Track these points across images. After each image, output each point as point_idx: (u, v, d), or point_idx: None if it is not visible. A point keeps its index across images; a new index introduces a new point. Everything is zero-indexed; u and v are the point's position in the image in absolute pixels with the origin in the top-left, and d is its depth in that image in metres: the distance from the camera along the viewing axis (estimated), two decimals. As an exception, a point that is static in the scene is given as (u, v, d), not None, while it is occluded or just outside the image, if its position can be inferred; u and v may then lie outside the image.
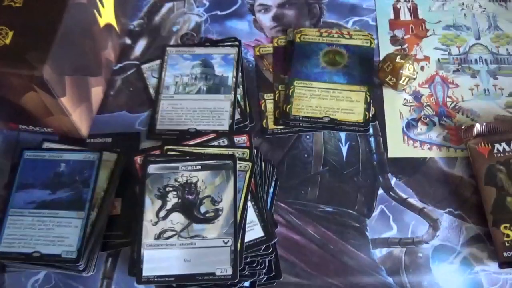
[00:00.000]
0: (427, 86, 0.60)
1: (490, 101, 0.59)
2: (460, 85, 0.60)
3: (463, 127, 0.56)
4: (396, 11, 0.66)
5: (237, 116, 0.57)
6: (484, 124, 0.55)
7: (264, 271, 0.49)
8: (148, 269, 0.47)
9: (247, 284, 0.49)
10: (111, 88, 0.61)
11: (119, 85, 0.61)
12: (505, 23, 0.64)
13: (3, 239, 0.49)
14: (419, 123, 0.58)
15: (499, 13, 0.65)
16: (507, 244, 0.49)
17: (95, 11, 0.55)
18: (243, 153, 0.52)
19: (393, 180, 0.55)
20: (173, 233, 0.48)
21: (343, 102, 0.58)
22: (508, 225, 0.50)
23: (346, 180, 0.55)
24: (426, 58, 0.62)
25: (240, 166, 0.51)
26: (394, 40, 0.64)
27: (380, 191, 0.55)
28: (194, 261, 0.47)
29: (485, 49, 0.63)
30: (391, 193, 0.54)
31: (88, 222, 0.49)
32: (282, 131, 0.58)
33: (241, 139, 0.54)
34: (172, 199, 0.49)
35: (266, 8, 0.67)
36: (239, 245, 0.48)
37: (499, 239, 0.50)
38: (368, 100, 0.58)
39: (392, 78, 0.57)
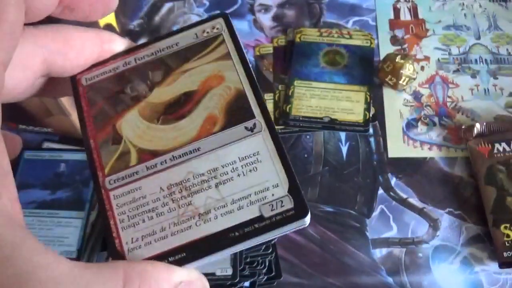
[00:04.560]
0: (427, 86, 0.60)
1: (490, 101, 0.59)
2: (460, 85, 0.60)
3: (463, 127, 0.56)
4: (396, 11, 0.66)
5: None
6: (484, 124, 0.55)
7: (264, 271, 0.49)
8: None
9: (247, 284, 0.49)
10: (111, 88, 0.61)
11: (119, 85, 0.61)
12: (505, 23, 0.64)
13: (3, 239, 0.49)
14: (419, 123, 0.58)
15: (499, 13, 0.65)
16: (507, 244, 0.49)
17: (95, 11, 0.56)
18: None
19: (393, 180, 0.55)
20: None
21: (343, 102, 0.58)
22: (508, 225, 0.50)
23: (346, 180, 0.55)
24: (426, 58, 0.62)
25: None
26: (394, 40, 0.64)
27: (380, 191, 0.55)
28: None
29: (485, 49, 0.63)
30: (391, 193, 0.54)
31: (88, 222, 0.49)
32: (282, 131, 0.58)
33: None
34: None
35: (266, 8, 0.67)
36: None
37: (499, 239, 0.50)
38: (368, 100, 0.58)
39: (392, 78, 0.57)
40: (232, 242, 0.21)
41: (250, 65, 0.24)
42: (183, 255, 0.21)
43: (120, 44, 0.26)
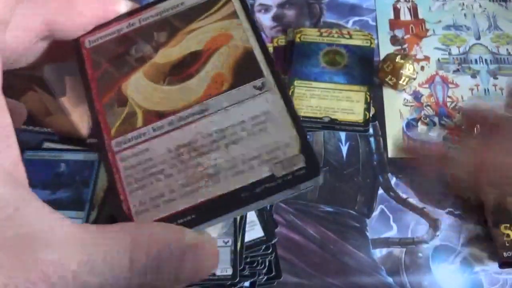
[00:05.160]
0: (427, 86, 0.60)
1: (490, 101, 0.59)
2: (460, 85, 0.60)
3: (463, 127, 0.56)
4: (396, 11, 0.66)
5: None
6: (484, 124, 0.55)
7: (264, 271, 0.49)
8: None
9: (247, 284, 0.49)
10: (111, 88, 0.61)
11: (119, 85, 0.61)
12: (505, 23, 0.64)
13: (3, 239, 0.49)
14: (419, 123, 0.58)
15: (499, 13, 0.65)
16: (507, 244, 0.49)
17: (95, 11, 0.55)
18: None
19: (393, 180, 0.55)
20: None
21: (343, 102, 0.58)
22: (508, 225, 0.50)
23: (346, 180, 0.55)
24: (426, 58, 0.62)
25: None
26: (394, 40, 0.64)
27: (380, 191, 0.55)
28: (194, 261, 0.47)
29: (485, 49, 0.63)
30: (391, 193, 0.54)
31: (88, 222, 0.49)
32: (282, 131, 0.58)
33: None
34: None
35: (266, 8, 0.67)
36: (239, 245, 0.48)
37: (499, 239, 0.50)
38: (368, 100, 0.58)
39: (392, 78, 0.58)
40: (243, 202, 0.20)
41: (257, 24, 0.24)
42: (192, 217, 0.20)
43: (123, 5, 0.25)
